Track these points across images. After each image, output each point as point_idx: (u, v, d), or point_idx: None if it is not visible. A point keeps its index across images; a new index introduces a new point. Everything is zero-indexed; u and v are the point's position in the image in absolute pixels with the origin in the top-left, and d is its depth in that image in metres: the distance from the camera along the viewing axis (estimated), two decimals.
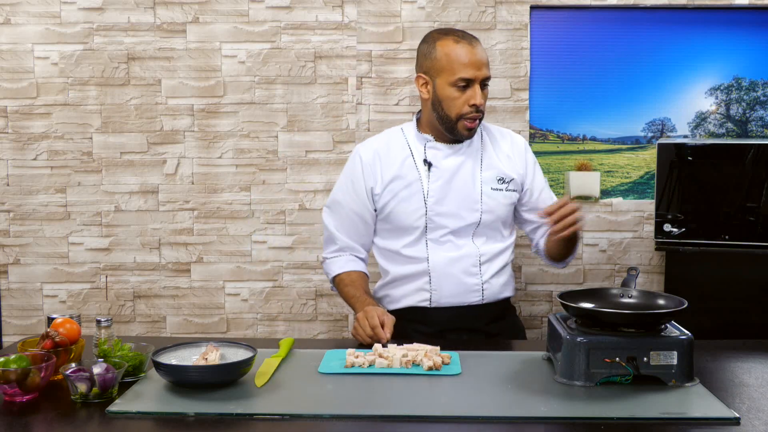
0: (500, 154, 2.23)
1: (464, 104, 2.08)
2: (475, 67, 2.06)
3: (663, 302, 1.74)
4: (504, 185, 2.19)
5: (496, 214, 2.18)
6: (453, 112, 2.10)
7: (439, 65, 2.10)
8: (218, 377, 1.59)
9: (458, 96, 2.08)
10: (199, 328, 2.98)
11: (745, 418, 1.44)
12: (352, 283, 2.21)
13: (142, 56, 2.89)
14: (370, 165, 2.20)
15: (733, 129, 2.90)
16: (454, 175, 2.16)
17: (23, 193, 2.94)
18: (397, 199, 2.17)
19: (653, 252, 2.92)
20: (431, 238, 2.17)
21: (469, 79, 2.07)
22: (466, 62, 2.06)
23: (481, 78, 2.08)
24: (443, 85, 2.10)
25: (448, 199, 2.15)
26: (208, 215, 2.95)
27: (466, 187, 2.16)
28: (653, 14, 2.85)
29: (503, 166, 2.21)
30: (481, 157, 2.20)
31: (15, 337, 2.97)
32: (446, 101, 2.10)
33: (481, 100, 2.08)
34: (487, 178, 2.18)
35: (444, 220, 2.15)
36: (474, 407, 1.49)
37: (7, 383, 1.53)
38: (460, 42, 2.08)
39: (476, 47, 2.09)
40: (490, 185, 2.17)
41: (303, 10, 2.87)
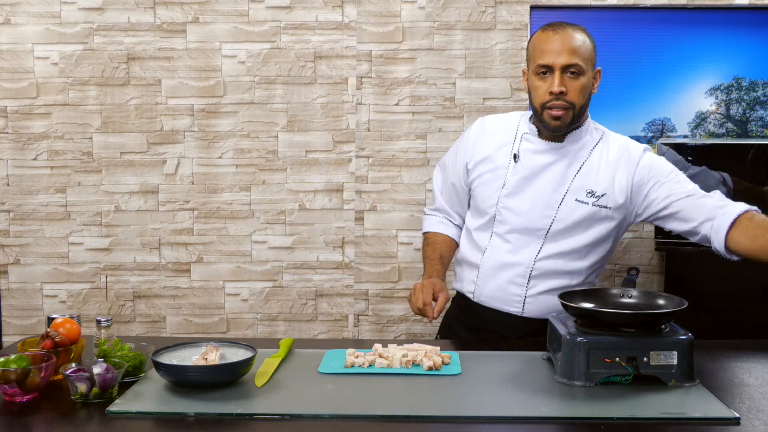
0: (606, 164, 2.03)
1: (545, 92, 1.97)
2: (553, 53, 1.95)
3: (663, 302, 1.74)
4: (592, 199, 2.00)
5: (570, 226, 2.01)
6: (537, 102, 2.01)
7: (528, 55, 2.06)
8: (218, 377, 1.59)
9: (540, 84, 1.98)
10: (199, 328, 2.98)
11: (745, 418, 1.43)
12: (434, 244, 2.22)
13: (142, 56, 2.89)
14: (474, 141, 2.15)
15: (733, 129, 2.90)
16: (538, 173, 2.03)
17: (23, 193, 2.94)
18: (481, 180, 2.10)
19: (653, 252, 2.92)
20: (497, 231, 2.07)
21: (547, 66, 1.96)
22: (545, 48, 1.96)
23: (561, 64, 1.95)
24: (530, 75, 2.03)
25: (523, 196, 2.03)
26: (208, 215, 2.95)
27: (547, 189, 2.02)
28: (653, 14, 2.85)
29: (601, 177, 2.02)
30: (581, 164, 2.03)
31: (15, 337, 2.97)
32: (532, 90, 2.02)
33: (560, 88, 1.94)
34: (576, 188, 2.01)
35: (511, 215, 2.04)
36: (474, 407, 1.49)
37: (7, 383, 1.53)
38: (546, 30, 2.00)
39: (561, 32, 1.97)
40: (576, 196, 2.01)
41: (303, 10, 2.87)
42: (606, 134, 2.11)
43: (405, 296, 2.96)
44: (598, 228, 2.03)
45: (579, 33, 2.00)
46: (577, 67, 1.96)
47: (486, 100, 2.89)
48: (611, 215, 2.02)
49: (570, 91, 1.96)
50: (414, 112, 2.91)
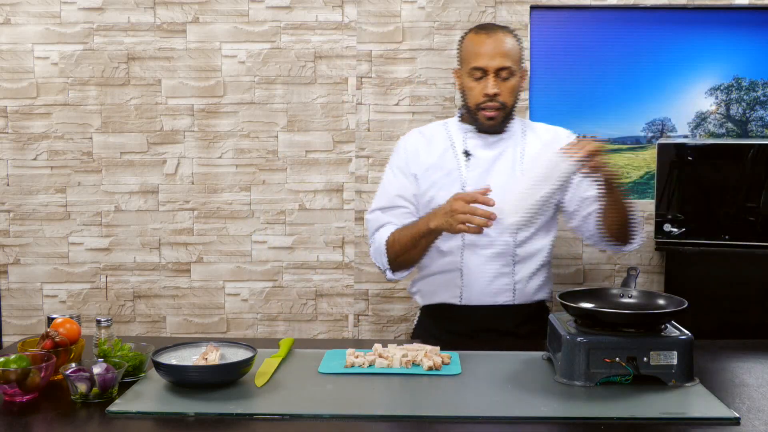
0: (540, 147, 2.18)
1: (479, 94, 2.09)
2: (487, 56, 2.05)
3: (663, 302, 1.74)
4: None
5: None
6: (471, 102, 2.12)
7: (461, 57, 2.17)
8: (218, 377, 1.59)
9: (474, 86, 2.10)
10: (199, 328, 2.98)
11: (745, 418, 1.44)
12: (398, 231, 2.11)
13: (142, 56, 2.89)
14: (414, 151, 2.20)
15: (733, 129, 2.90)
16: (493, 165, 2.14)
17: (23, 193, 2.94)
18: (436, 187, 2.14)
19: (653, 252, 2.92)
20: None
21: (481, 68, 2.07)
22: (479, 51, 2.07)
23: (495, 67, 2.05)
24: (463, 76, 2.14)
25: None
26: (208, 215, 2.95)
27: (505, 177, 2.12)
28: (653, 14, 2.85)
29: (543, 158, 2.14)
30: (522, 151, 2.17)
31: (15, 337, 2.97)
32: (466, 91, 2.14)
33: (494, 90, 2.06)
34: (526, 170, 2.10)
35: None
36: (474, 407, 1.49)
37: (7, 383, 1.53)
38: (479, 32, 2.10)
39: (493, 35, 2.07)
40: None
41: (303, 10, 2.87)
42: (526, 122, 2.29)
43: (405, 296, 2.96)
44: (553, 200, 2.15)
45: (509, 36, 2.11)
46: (509, 69, 2.08)
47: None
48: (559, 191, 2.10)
49: (503, 93, 2.09)
50: (414, 112, 2.90)
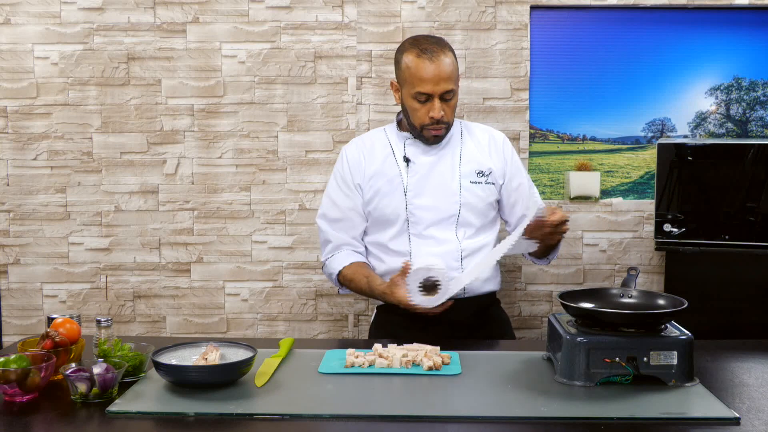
0: (480, 148, 2.29)
1: (425, 116, 2.17)
2: (432, 82, 2.11)
3: (663, 302, 1.75)
4: (483, 178, 2.25)
5: (475, 206, 2.23)
6: (416, 122, 2.20)
7: (403, 77, 2.20)
8: (218, 377, 1.59)
9: (419, 108, 2.17)
10: (199, 328, 2.98)
11: (745, 418, 1.44)
12: (355, 272, 2.24)
13: (142, 56, 2.89)
14: (356, 161, 2.29)
15: (733, 129, 2.90)
16: (432, 169, 2.23)
17: (23, 193, 2.94)
18: (380, 194, 2.24)
19: (653, 252, 2.92)
20: (414, 232, 2.22)
21: (427, 94, 2.13)
22: (424, 77, 2.12)
23: (440, 92, 2.13)
24: (407, 96, 2.19)
25: (427, 193, 2.21)
26: (208, 215, 2.95)
27: (444, 180, 2.22)
28: (653, 14, 2.86)
29: (482, 159, 2.27)
30: (460, 152, 2.26)
31: (15, 337, 2.97)
32: (410, 111, 2.20)
33: (440, 114, 2.14)
34: (465, 172, 2.23)
35: (423, 213, 2.21)
36: (474, 407, 1.49)
37: (7, 383, 1.53)
38: (421, 56, 2.13)
39: (436, 61, 2.12)
40: (469, 179, 2.23)
41: (303, 10, 2.87)
42: (464, 122, 2.37)
43: None
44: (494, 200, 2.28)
45: (448, 56, 2.16)
46: (452, 92, 2.16)
47: (486, 100, 2.89)
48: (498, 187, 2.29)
49: (446, 114, 2.17)
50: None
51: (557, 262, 2.94)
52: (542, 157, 2.92)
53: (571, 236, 2.90)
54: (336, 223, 2.30)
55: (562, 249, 2.93)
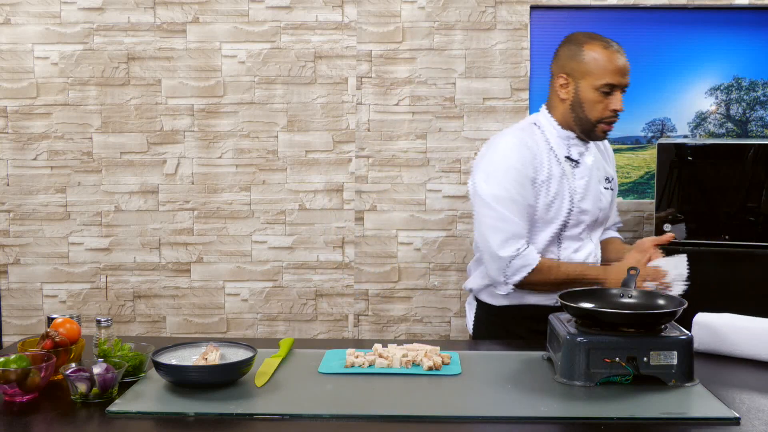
0: (603, 154, 2.29)
1: (605, 108, 2.11)
2: (620, 74, 2.09)
3: (663, 302, 1.74)
4: (609, 184, 2.25)
5: (606, 213, 2.25)
6: (594, 115, 2.12)
7: (586, 68, 2.11)
8: (218, 377, 1.59)
9: (600, 100, 2.10)
10: (199, 328, 2.98)
11: (745, 418, 1.44)
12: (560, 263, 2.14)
13: (142, 56, 2.89)
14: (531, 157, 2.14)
15: (733, 129, 2.90)
16: (593, 172, 2.20)
17: (23, 193, 2.94)
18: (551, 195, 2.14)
19: None
20: (568, 234, 2.18)
21: (613, 85, 2.09)
22: (613, 68, 2.09)
23: (624, 85, 2.11)
24: (587, 88, 2.11)
25: (589, 197, 2.18)
26: (208, 215, 2.95)
27: (596, 184, 2.21)
28: (653, 14, 2.85)
29: (607, 166, 2.28)
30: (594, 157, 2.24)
31: (15, 337, 2.97)
32: (587, 104, 2.12)
33: (622, 106, 2.11)
34: (599, 177, 2.23)
35: (583, 216, 2.18)
36: (474, 407, 1.49)
37: (7, 383, 1.53)
38: (608, 48, 2.11)
39: (622, 55, 2.12)
40: (603, 184, 2.23)
41: (303, 10, 2.87)
42: None
43: (405, 296, 2.96)
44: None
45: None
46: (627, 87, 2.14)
47: (486, 100, 2.89)
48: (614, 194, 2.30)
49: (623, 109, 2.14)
50: (414, 112, 2.91)
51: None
52: None
53: None
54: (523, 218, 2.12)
55: None
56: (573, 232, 2.17)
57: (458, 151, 2.92)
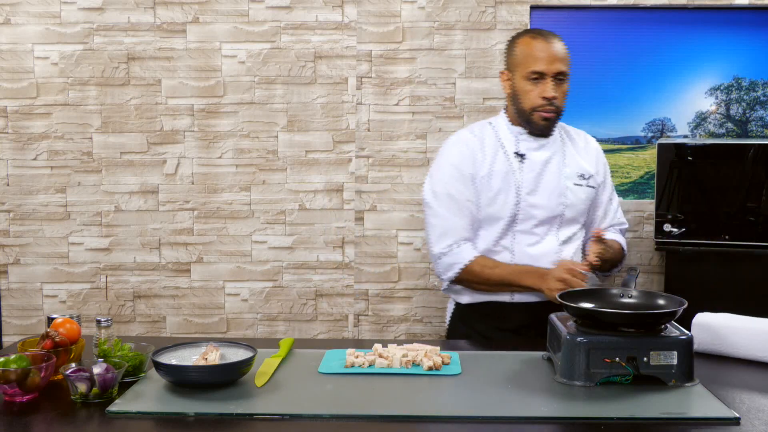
0: (579, 151, 2.28)
1: (537, 97, 2.14)
2: (546, 61, 2.11)
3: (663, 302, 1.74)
4: (584, 181, 2.24)
5: (576, 209, 2.22)
6: (527, 104, 2.16)
7: (516, 60, 2.18)
8: (218, 377, 1.59)
9: (531, 89, 2.14)
10: (199, 328, 2.98)
11: (745, 418, 1.43)
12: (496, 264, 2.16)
13: (142, 56, 2.89)
14: (471, 154, 2.20)
15: (733, 129, 2.90)
16: (545, 167, 2.20)
17: (23, 193, 2.94)
18: (493, 190, 2.17)
19: (653, 252, 2.92)
20: (520, 229, 2.18)
21: (540, 72, 2.12)
22: (538, 56, 2.12)
23: (553, 72, 2.12)
24: (519, 79, 2.17)
25: (540, 190, 2.18)
26: (208, 215, 2.95)
27: (554, 178, 2.20)
28: (653, 14, 2.85)
29: (583, 162, 2.26)
30: (563, 154, 2.24)
31: (15, 337, 2.97)
32: (521, 94, 2.17)
33: (553, 94, 2.12)
34: (569, 174, 2.22)
35: (534, 210, 2.18)
36: (474, 407, 1.49)
37: (7, 383, 1.53)
38: (536, 38, 2.16)
39: (551, 42, 2.14)
40: (573, 180, 2.22)
41: (303, 10, 2.87)
42: (561, 125, 2.30)
43: (405, 296, 2.96)
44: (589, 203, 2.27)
45: (561, 42, 2.17)
46: (564, 74, 2.15)
47: (486, 100, 2.89)
48: (594, 192, 2.27)
49: (558, 96, 2.14)
50: (414, 112, 2.91)
51: None
52: None
53: None
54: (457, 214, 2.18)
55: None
56: (525, 227, 2.18)
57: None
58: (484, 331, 2.21)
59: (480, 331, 2.22)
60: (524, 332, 2.18)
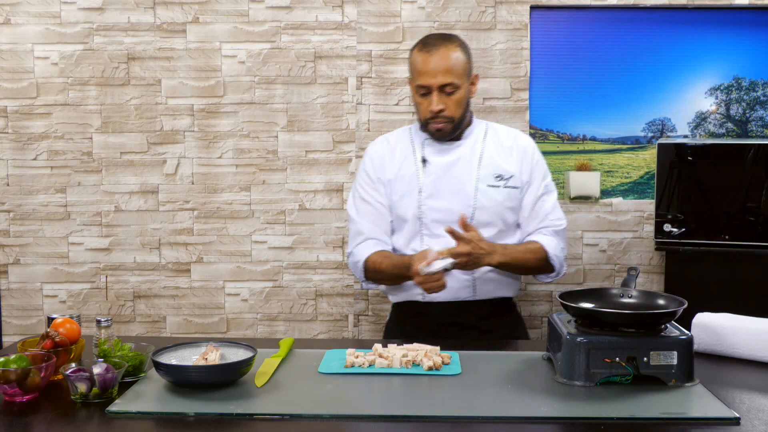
0: (501, 151, 2.26)
1: (426, 110, 2.17)
2: (430, 75, 2.12)
3: (663, 302, 1.75)
4: (502, 182, 2.21)
5: (491, 210, 2.20)
6: (421, 116, 2.21)
7: (410, 71, 2.24)
8: (218, 377, 1.59)
9: (421, 101, 2.17)
10: (199, 328, 2.98)
11: (745, 418, 1.44)
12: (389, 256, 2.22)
13: (142, 56, 2.89)
14: (380, 159, 2.29)
15: (733, 129, 2.90)
16: (448, 171, 2.21)
17: (23, 193, 2.94)
18: (398, 194, 2.24)
19: (653, 252, 2.92)
20: (427, 233, 2.22)
21: (425, 86, 2.14)
22: (422, 70, 2.13)
23: (438, 85, 2.12)
24: (413, 91, 2.22)
25: (441, 194, 2.20)
26: (208, 215, 2.95)
27: (460, 182, 2.20)
28: (653, 14, 2.85)
29: (503, 163, 2.24)
30: (480, 154, 2.24)
31: (15, 337, 2.97)
32: (416, 105, 2.23)
33: (438, 107, 2.13)
34: (483, 175, 2.21)
35: (437, 214, 2.20)
36: (474, 407, 1.49)
37: (7, 383, 1.53)
38: (422, 50, 2.16)
39: (435, 54, 2.12)
40: (487, 182, 2.21)
41: (303, 10, 2.87)
42: (491, 125, 2.33)
43: None
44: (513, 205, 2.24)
45: (453, 50, 2.14)
46: (452, 85, 2.13)
47: (486, 100, 2.89)
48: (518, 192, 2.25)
49: (448, 108, 2.15)
50: (414, 111, 2.90)
51: None
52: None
53: (572, 236, 2.90)
54: (366, 216, 2.29)
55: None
56: (433, 230, 2.19)
57: None
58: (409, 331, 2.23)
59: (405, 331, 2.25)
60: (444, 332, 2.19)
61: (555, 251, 2.22)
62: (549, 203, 2.28)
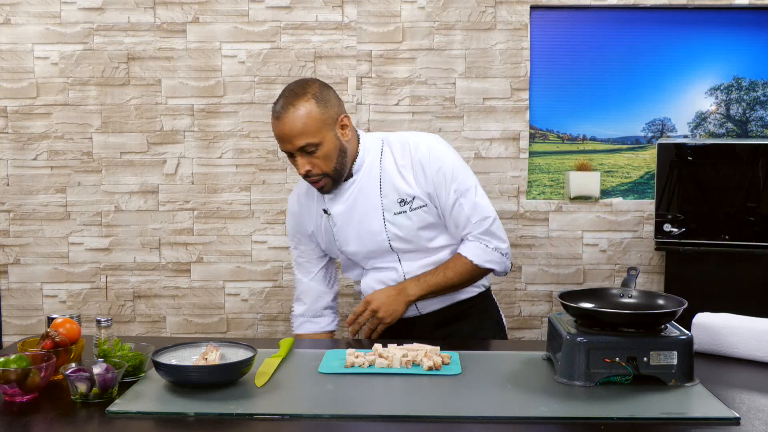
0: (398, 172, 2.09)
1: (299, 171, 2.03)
2: (285, 141, 1.98)
3: (663, 302, 1.74)
4: (406, 206, 2.07)
5: (404, 237, 2.09)
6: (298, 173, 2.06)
7: None
8: (218, 377, 1.59)
9: (293, 163, 2.04)
10: (199, 328, 2.98)
11: (745, 418, 1.43)
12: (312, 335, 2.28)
13: (142, 56, 2.89)
14: (297, 216, 2.21)
15: (733, 129, 2.90)
16: (351, 215, 2.10)
17: (23, 193, 2.94)
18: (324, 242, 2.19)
19: (653, 252, 2.92)
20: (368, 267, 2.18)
21: (287, 152, 2.02)
22: (278, 137, 2.00)
23: (296, 148, 1.98)
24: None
25: (351, 239, 2.11)
26: (208, 215, 2.95)
27: (367, 219, 2.09)
28: (653, 14, 2.86)
29: (402, 185, 2.07)
30: (380, 182, 2.09)
31: (15, 337, 2.97)
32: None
33: (305, 168, 1.99)
34: (387, 204, 2.08)
35: (356, 257, 2.15)
36: (474, 407, 1.49)
37: (7, 383, 1.53)
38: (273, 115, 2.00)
39: (282, 120, 1.96)
40: (392, 210, 2.07)
41: (303, 10, 2.87)
42: (387, 140, 2.13)
43: None
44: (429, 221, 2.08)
45: (300, 109, 1.96)
46: (311, 144, 1.97)
47: (486, 100, 2.89)
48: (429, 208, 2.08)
49: (316, 166, 1.99)
50: (414, 112, 2.91)
51: (557, 262, 2.94)
52: (542, 157, 2.92)
53: (572, 236, 2.90)
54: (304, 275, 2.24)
55: (563, 249, 2.93)
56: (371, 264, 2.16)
57: (459, 152, 2.90)
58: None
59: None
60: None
61: (482, 258, 2.09)
62: (466, 207, 2.09)
